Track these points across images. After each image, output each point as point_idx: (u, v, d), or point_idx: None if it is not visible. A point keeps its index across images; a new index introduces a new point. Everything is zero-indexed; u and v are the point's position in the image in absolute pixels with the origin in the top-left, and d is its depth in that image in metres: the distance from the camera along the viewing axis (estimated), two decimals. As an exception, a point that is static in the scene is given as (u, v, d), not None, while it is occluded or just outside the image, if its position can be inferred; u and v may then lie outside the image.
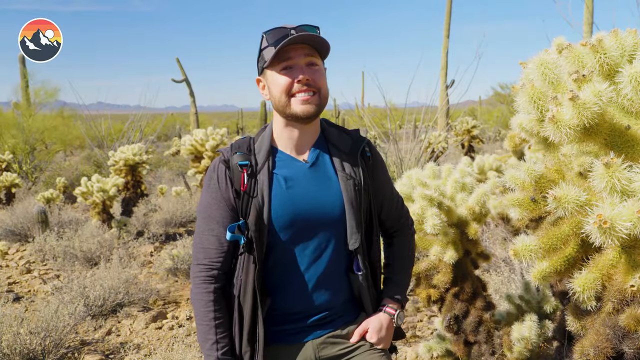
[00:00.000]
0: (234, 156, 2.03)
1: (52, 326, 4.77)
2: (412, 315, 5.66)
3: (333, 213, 2.05)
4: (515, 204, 2.03)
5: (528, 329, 3.29)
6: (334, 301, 2.12)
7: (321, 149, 2.13)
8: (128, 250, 8.71)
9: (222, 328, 2.00)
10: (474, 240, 3.41)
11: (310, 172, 2.07)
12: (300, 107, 1.98)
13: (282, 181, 2.03)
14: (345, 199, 2.05)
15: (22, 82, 21.24)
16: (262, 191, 1.98)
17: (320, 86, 2.00)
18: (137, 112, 21.63)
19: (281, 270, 2.05)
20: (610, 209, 1.50)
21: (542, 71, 1.85)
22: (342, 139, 2.16)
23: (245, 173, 1.99)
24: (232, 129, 45.18)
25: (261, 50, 2.03)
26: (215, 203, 2.02)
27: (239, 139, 2.14)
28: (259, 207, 1.97)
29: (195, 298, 2.03)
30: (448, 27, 24.60)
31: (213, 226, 2.02)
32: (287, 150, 2.10)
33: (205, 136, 11.65)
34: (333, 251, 2.08)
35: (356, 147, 2.14)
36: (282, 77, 1.98)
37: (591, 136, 1.73)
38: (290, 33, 1.93)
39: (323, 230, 2.06)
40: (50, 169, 19.30)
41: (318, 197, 2.04)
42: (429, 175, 3.48)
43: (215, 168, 2.05)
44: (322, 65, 2.06)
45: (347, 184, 2.06)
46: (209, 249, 2.01)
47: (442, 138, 16.59)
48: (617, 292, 1.75)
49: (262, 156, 2.04)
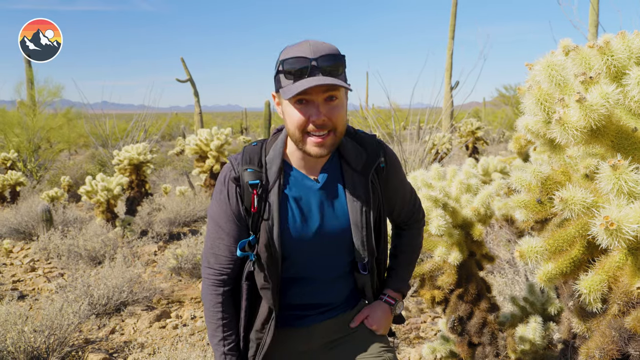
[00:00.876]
0: (245, 173, 1.99)
1: (57, 324, 4.78)
2: (416, 317, 5.65)
3: (341, 233, 2.09)
4: (521, 206, 2.03)
5: (532, 330, 3.29)
6: (337, 296, 2.22)
7: (333, 168, 2.11)
8: (132, 249, 8.73)
9: (228, 327, 2.09)
10: (479, 241, 3.41)
11: (321, 194, 2.07)
12: (313, 148, 1.91)
13: (293, 203, 2.03)
14: (352, 221, 2.08)
15: (27, 81, 21.29)
16: (272, 213, 1.98)
17: (337, 125, 1.91)
18: (142, 112, 21.65)
19: (288, 279, 2.11)
20: (617, 211, 1.50)
21: (549, 73, 1.85)
22: (356, 154, 2.10)
23: (255, 194, 1.97)
24: (236, 129, 45.23)
25: (278, 72, 1.92)
26: (224, 216, 2.04)
27: (250, 147, 2.08)
28: (269, 230, 1.98)
29: (206, 298, 2.12)
30: (453, 29, 24.57)
31: (223, 236, 2.06)
32: (299, 167, 2.07)
33: (210, 136, 11.67)
34: (340, 263, 2.16)
35: (369, 165, 2.10)
36: (296, 113, 1.89)
37: (598, 138, 1.73)
38: (312, 64, 1.82)
39: (331, 248, 2.11)
40: (54, 167, 19.36)
41: (327, 218, 2.07)
42: (434, 176, 3.48)
43: (225, 182, 2.03)
44: (343, 95, 1.95)
45: (354, 206, 2.07)
46: (220, 256, 2.07)
47: (446, 139, 16.58)
48: (623, 294, 1.74)
49: (274, 173, 2.01)
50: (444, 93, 23.26)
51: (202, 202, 11.57)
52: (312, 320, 2.17)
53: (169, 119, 26.63)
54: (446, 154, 15.47)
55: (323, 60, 1.84)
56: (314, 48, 1.85)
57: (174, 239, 9.78)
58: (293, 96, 1.83)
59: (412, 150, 11.43)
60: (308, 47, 1.86)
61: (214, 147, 11.43)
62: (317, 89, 1.84)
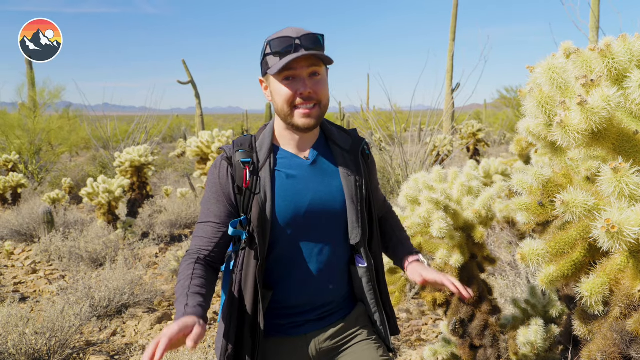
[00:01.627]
0: (237, 153, 2.09)
1: (58, 326, 4.78)
2: (417, 319, 5.65)
3: (334, 208, 2.12)
4: (523, 208, 2.04)
5: (534, 333, 3.28)
6: (334, 295, 2.19)
7: (322, 147, 2.20)
8: (133, 252, 8.73)
9: (198, 281, 1.92)
10: (480, 243, 3.41)
11: (312, 169, 2.13)
12: (301, 120, 2.04)
13: (284, 178, 2.08)
14: (347, 194, 2.12)
15: (29, 83, 21.33)
16: (264, 187, 2.03)
17: (321, 97, 2.05)
18: (143, 114, 21.69)
19: (283, 265, 2.10)
20: (618, 214, 1.50)
21: (550, 76, 1.86)
22: (342, 137, 2.24)
23: (247, 170, 2.04)
24: (237, 131, 45.25)
25: (265, 56, 2.06)
26: (214, 197, 2.08)
27: (240, 137, 2.18)
28: (262, 203, 2.02)
29: (179, 271, 2.00)
30: (454, 31, 24.60)
31: (210, 218, 2.07)
32: (289, 148, 2.15)
33: (212, 138, 11.68)
34: (335, 245, 2.15)
35: (356, 146, 2.23)
36: (284, 88, 2.02)
37: (599, 141, 1.73)
38: (295, 43, 1.98)
39: (325, 226, 2.12)
40: (56, 169, 19.39)
41: (319, 193, 2.10)
42: (436, 178, 3.48)
43: (217, 165, 2.11)
44: (324, 72, 2.09)
45: (349, 180, 2.14)
46: (202, 238, 2.07)
47: (447, 141, 16.58)
48: (624, 297, 1.74)
49: (264, 154, 2.09)
50: (445, 95, 23.29)
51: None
52: (310, 327, 2.15)
53: (170, 121, 26.65)
54: (447, 156, 15.46)
55: (305, 39, 1.99)
56: (296, 30, 2.01)
57: (175, 241, 9.79)
58: (281, 67, 1.96)
59: (413, 152, 11.44)
60: (290, 30, 2.02)
61: (215, 149, 11.44)
62: (302, 64, 1.99)
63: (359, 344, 2.19)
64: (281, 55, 1.98)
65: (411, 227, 3.25)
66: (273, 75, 2.04)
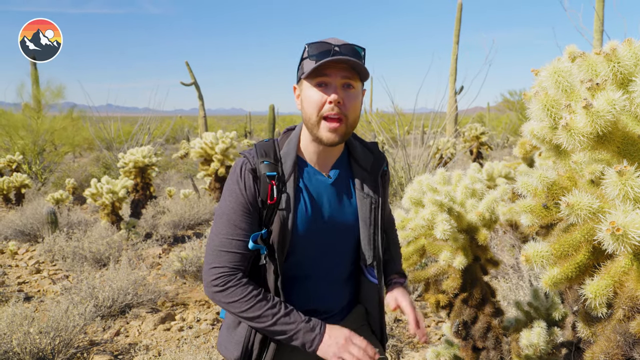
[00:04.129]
0: (262, 165, 2.02)
1: (62, 326, 4.81)
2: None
3: (348, 229, 2.13)
4: (527, 211, 2.04)
5: (537, 335, 3.29)
6: (340, 303, 2.22)
7: (344, 165, 2.18)
8: (137, 252, 8.76)
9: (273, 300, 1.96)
10: (484, 246, 3.42)
11: (332, 189, 2.12)
12: (326, 134, 1.98)
13: (306, 195, 2.07)
14: (360, 217, 2.13)
15: (33, 83, 21.39)
16: (287, 204, 2.00)
17: (349, 113, 1.98)
18: (146, 115, 21.74)
19: (293, 276, 2.10)
20: (623, 217, 1.51)
21: (555, 79, 1.86)
22: (364, 155, 2.21)
23: (273, 185, 1.99)
24: (240, 133, 45.30)
25: (302, 60, 2.02)
26: (240, 209, 1.99)
27: (263, 143, 2.12)
28: (284, 220, 1.99)
29: (229, 298, 1.95)
30: (458, 34, 24.61)
31: (238, 232, 1.98)
32: (312, 162, 2.13)
33: (215, 139, 11.70)
34: (346, 263, 2.18)
35: (377, 167, 2.21)
36: (315, 93, 1.96)
37: (604, 144, 1.74)
38: (334, 49, 1.93)
39: (339, 244, 2.13)
40: (59, 170, 19.43)
41: (336, 213, 2.11)
42: (439, 180, 3.49)
43: (242, 175, 2.02)
44: (360, 89, 2.04)
45: (364, 203, 2.13)
46: (233, 253, 1.98)
47: (450, 144, 16.58)
48: (628, 299, 1.75)
49: (289, 167, 2.05)
50: (448, 98, 23.28)
51: (206, 205, 11.60)
52: None
53: (173, 122, 26.70)
54: (450, 158, 15.46)
55: (345, 48, 1.95)
56: (337, 39, 1.98)
57: (179, 242, 9.81)
58: (314, 70, 1.92)
59: (416, 155, 11.45)
60: (332, 38, 1.99)
61: (219, 151, 11.46)
62: (336, 72, 1.94)
63: None
64: (317, 59, 1.93)
65: (415, 228, 3.26)
66: (306, 80, 1.99)
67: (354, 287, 2.25)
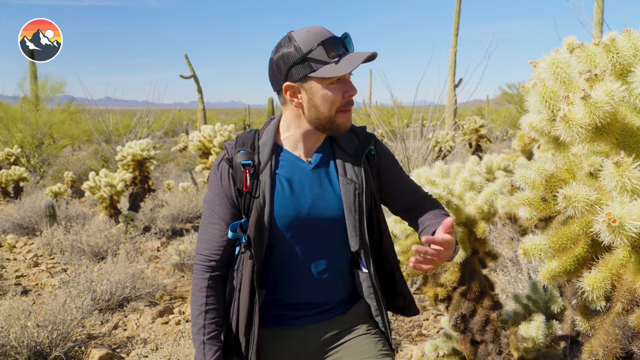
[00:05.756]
0: (238, 154, 2.04)
1: (60, 320, 4.79)
2: (419, 314, 5.66)
3: (332, 216, 2.08)
4: (525, 203, 2.03)
5: (535, 328, 3.29)
6: (334, 295, 2.17)
7: (326, 150, 2.14)
8: (135, 245, 8.75)
9: (212, 314, 2.02)
10: (482, 239, 3.41)
11: (313, 174, 2.08)
12: (343, 123, 2.02)
13: (285, 182, 2.04)
14: (344, 203, 2.07)
15: (31, 77, 21.34)
16: (263, 192, 1.99)
17: None
18: (145, 108, 21.70)
19: (281, 269, 2.08)
20: (619, 208, 1.49)
21: (553, 70, 1.85)
22: (348, 139, 2.15)
23: (247, 173, 2.00)
24: (239, 126, 45.27)
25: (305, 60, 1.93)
26: (218, 199, 2.05)
27: (244, 134, 2.13)
28: (260, 208, 1.98)
29: (193, 284, 2.07)
30: (457, 26, 24.55)
31: (215, 220, 2.04)
32: (292, 150, 2.10)
33: (214, 132, 11.67)
34: (334, 251, 2.11)
35: (361, 150, 2.14)
36: (332, 91, 1.96)
37: (602, 136, 1.73)
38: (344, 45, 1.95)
39: (323, 232, 2.08)
40: (57, 163, 19.42)
41: (319, 200, 2.06)
42: (438, 173, 3.48)
43: (219, 166, 2.07)
44: None
45: (347, 188, 2.07)
46: (211, 241, 2.05)
47: (449, 137, 16.57)
48: (626, 292, 1.74)
49: (266, 155, 2.04)
50: (448, 91, 23.26)
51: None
52: (309, 320, 2.13)
53: (172, 115, 26.66)
54: (449, 151, 15.46)
55: (347, 40, 1.98)
56: (326, 30, 1.96)
57: (177, 235, 9.80)
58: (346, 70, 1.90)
59: (415, 148, 11.44)
60: (321, 29, 1.95)
61: (218, 144, 11.43)
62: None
63: (359, 338, 2.17)
64: (339, 57, 1.92)
65: (413, 222, 3.25)
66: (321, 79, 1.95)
67: (351, 279, 2.20)
